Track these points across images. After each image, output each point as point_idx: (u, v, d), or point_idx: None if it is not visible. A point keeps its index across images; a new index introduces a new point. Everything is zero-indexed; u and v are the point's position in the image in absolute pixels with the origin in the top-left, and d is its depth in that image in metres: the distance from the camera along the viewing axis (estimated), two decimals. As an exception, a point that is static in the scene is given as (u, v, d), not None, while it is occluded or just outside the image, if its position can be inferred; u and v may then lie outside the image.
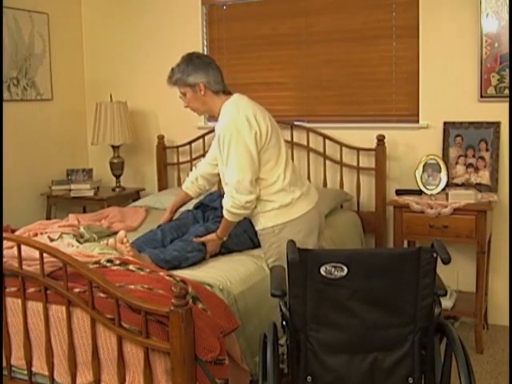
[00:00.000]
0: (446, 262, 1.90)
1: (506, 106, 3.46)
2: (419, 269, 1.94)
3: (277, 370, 1.97)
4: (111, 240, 2.78)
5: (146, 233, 3.07)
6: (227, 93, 2.79)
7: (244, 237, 3.01)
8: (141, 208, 3.89)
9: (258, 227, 2.79)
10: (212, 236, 2.86)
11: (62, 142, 4.64)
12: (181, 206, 3.26)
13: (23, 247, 2.36)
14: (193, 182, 3.18)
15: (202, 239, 2.85)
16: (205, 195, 3.32)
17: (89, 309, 2.20)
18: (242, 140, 2.61)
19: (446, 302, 3.38)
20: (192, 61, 2.73)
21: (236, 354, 2.35)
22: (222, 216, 2.82)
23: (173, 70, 2.78)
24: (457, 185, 3.60)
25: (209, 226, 2.96)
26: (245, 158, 2.61)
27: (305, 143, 4.01)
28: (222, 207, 2.80)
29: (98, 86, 4.73)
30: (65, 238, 3.06)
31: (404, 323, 2.00)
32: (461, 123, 3.63)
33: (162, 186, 4.46)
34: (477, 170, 3.58)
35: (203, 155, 4.29)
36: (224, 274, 2.62)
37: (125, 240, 2.72)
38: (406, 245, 3.60)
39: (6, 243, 2.56)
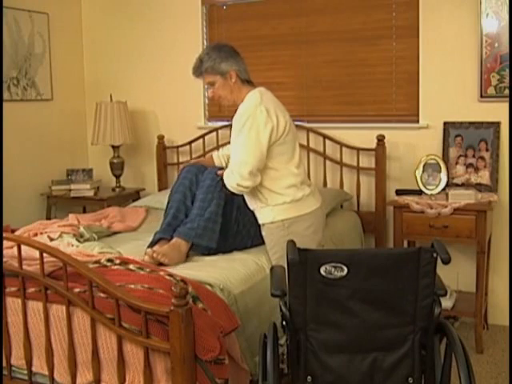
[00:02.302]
0: (446, 261, 1.90)
1: (506, 105, 3.46)
2: (419, 269, 1.94)
3: (277, 370, 1.97)
4: (146, 257, 2.75)
5: (180, 182, 3.04)
6: (252, 84, 2.85)
7: (244, 235, 3.03)
8: (141, 208, 3.89)
9: (266, 220, 2.80)
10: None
11: (62, 142, 4.64)
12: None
13: (23, 247, 2.36)
14: (224, 156, 3.24)
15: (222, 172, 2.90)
16: None
17: (89, 309, 2.20)
18: (256, 127, 2.64)
19: (446, 302, 3.38)
20: (222, 48, 2.78)
21: (236, 353, 2.35)
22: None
23: (201, 59, 2.80)
24: (457, 185, 3.60)
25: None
26: (253, 145, 2.65)
27: (305, 143, 4.00)
28: None
29: (98, 86, 4.73)
30: (65, 237, 3.07)
31: (404, 323, 2.00)
32: (461, 123, 3.63)
33: (162, 185, 4.46)
34: (477, 170, 3.58)
35: (203, 155, 4.30)
36: (224, 274, 2.62)
37: (155, 255, 2.71)
38: (406, 245, 3.60)
39: (5, 243, 2.56)
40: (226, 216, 2.97)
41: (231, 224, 2.99)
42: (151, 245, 2.90)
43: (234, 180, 2.71)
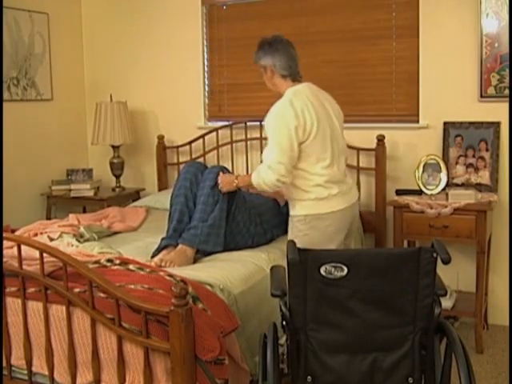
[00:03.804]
0: (446, 261, 1.90)
1: (506, 105, 3.46)
2: (419, 269, 1.94)
3: (277, 370, 1.97)
4: (153, 264, 2.76)
5: (180, 183, 3.08)
6: (296, 80, 2.88)
7: (245, 233, 3.05)
8: (141, 208, 3.89)
9: (292, 212, 2.86)
10: (231, 177, 3.00)
11: (62, 142, 4.64)
12: None
13: (23, 247, 2.36)
14: None
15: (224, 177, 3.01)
16: None
17: (89, 309, 2.20)
18: (287, 126, 2.69)
19: (446, 302, 3.38)
20: (263, 46, 2.93)
21: (236, 353, 2.35)
22: None
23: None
24: (457, 185, 3.60)
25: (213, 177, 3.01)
26: (286, 143, 2.69)
27: (305, 143, 4.00)
28: None
29: (97, 86, 4.73)
30: (65, 237, 3.07)
31: (404, 323, 2.00)
32: (461, 123, 3.63)
33: (162, 186, 4.46)
34: (477, 170, 3.58)
35: (203, 155, 4.30)
36: (224, 274, 2.62)
37: (163, 264, 2.75)
38: (405, 245, 3.60)
39: (5, 243, 2.56)
40: (227, 216, 2.99)
41: (231, 223, 3.00)
42: (157, 251, 2.92)
43: (273, 176, 2.73)
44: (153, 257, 2.88)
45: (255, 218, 3.13)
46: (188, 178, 3.07)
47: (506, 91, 3.48)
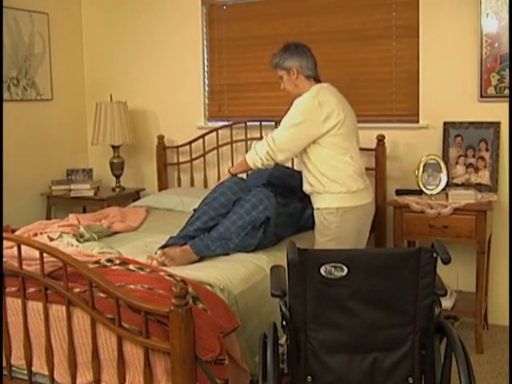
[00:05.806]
0: (446, 261, 1.90)
1: (506, 105, 3.45)
2: (419, 269, 1.94)
3: (277, 370, 1.97)
4: (154, 262, 2.74)
5: (216, 196, 3.03)
6: (318, 81, 3.07)
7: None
8: (141, 208, 3.89)
9: (322, 205, 2.95)
10: (227, 175, 3.19)
11: (62, 142, 4.64)
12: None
13: (23, 247, 2.36)
14: None
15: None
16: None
17: (89, 309, 2.20)
18: (304, 116, 2.86)
19: (446, 302, 3.38)
20: (289, 48, 3.06)
21: (236, 353, 2.35)
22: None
23: (274, 55, 3.11)
24: (457, 185, 3.60)
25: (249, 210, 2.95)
26: (293, 130, 2.87)
27: (305, 143, 4.00)
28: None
29: (98, 86, 4.73)
30: (64, 237, 3.07)
31: (404, 323, 2.00)
32: (461, 123, 3.63)
33: (162, 186, 4.46)
34: (477, 170, 3.58)
35: (203, 155, 4.31)
36: (224, 274, 2.62)
37: (163, 258, 2.74)
38: (405, 245, 3.60)
39: (5, 243, 2.56)
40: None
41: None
42: (163, 247, 2.90)
43: (266, 147, 2.89)
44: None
45: (275, 238, 3.09)
46: (228, 196, 2.99)
47: (506, 91, 3.48)
